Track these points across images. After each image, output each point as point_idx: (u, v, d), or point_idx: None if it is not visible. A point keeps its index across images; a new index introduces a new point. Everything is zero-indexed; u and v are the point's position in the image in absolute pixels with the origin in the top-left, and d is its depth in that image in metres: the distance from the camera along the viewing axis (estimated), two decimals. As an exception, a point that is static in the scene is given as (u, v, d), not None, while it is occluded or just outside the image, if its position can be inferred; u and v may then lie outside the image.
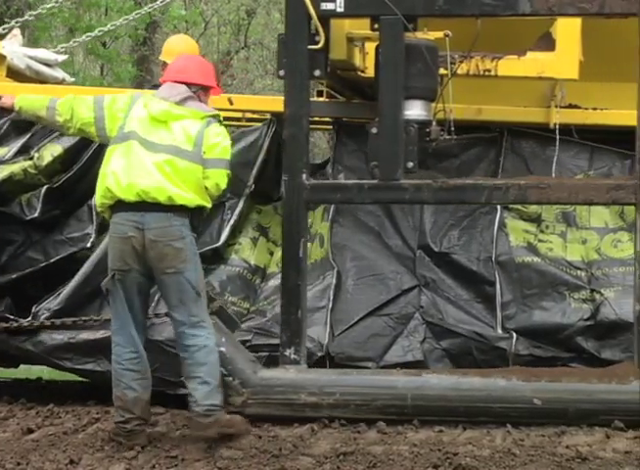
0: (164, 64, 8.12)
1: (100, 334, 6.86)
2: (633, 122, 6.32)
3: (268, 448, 6.18)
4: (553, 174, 7.45)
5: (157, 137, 6.06)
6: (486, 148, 7.78)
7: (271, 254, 7.74)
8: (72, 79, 8.18)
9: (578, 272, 7.48)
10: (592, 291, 7.38)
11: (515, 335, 7.29)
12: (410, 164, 6.56)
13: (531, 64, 7.01)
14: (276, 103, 6.95)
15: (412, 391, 6.45)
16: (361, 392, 6.48)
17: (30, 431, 6.51)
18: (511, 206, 7.43)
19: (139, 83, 19.03)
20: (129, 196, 5.92)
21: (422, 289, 7.45)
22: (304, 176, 6.54)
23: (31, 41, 18.61)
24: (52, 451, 6.18)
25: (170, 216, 6.01)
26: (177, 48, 8.03)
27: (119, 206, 6.00)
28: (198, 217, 6.15)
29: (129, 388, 6.11)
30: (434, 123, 6.71)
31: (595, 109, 7.48)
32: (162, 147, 6.05)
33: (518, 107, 7.53)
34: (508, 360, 6.99)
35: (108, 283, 6.07)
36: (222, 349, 6.42)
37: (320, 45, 6.48)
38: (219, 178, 6.09)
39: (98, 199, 6.09)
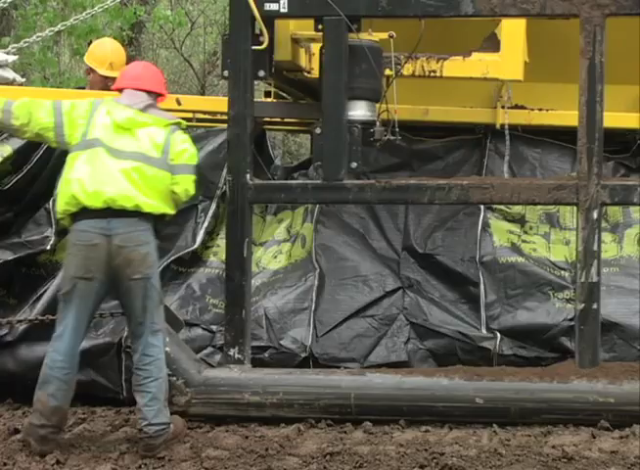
0: (90, 69, 8.21)
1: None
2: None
3: (255, 449, 6.18)
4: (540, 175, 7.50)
5: (122, 144, 6.00)
6: (470, 150, 7.81)
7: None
8: (23, 80, 8.07)
9: (562, 272, 7.48)
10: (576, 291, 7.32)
11: (499, 335, 7.29)
12: (354, 165, 6.54)
13: (476, 65, 6.98)
14: (223, 103, 6.90)
15: (355, 390, 6.42)
16: (305, 391, 6.45)
17: (17, 431, 6.46)
18: (495, 206, 7.48)
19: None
20: (96, 203, 5.85)
21: (406, 290, 7.46)
22: (248, 176, 6.50)
23: (18, 39, 18.84)
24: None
25: (136, 222, 5.98)
26: (108, 56, 8.23)
27: (84, 213, 5.94)
28: (160, 224, 6.14)
29: (52, 396, 6.00)
30: (377, 124, 6.64)
31: (541, 109, 7.52)
32: (129, 154, 6.00)
33: (464, 107, 7.54)
34: (492, 361, 7.03)
35: (67, 291, 5.99)
36: (167, 348, 6.32)
37: (264, 46, 6.45)
38: (188, 184, 6.09)
39: (61, 205, 6.00)
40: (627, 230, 7.67)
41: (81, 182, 5.86)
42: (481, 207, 7.44)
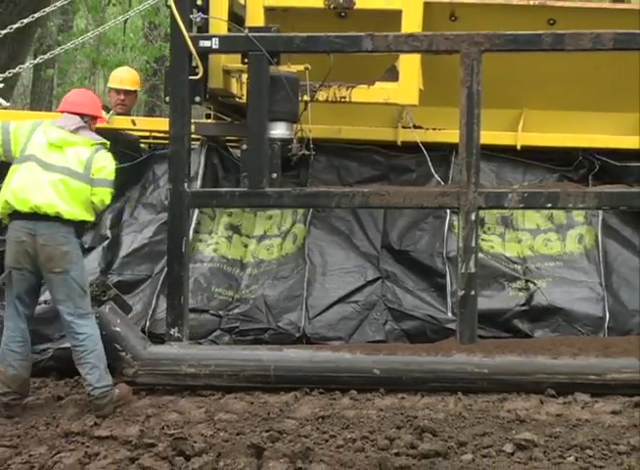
0: (110, 90, 8.92)
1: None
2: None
3: (259, 413, 6.56)
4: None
5: (53, 159, 6.50)
6: (438, 164, 8.13)
7: (245, 246, 8.14)
8: (8, 104, 8.56)
9: (515, 266, 7.89)
10: (527, 281, 7.82)
11: None
12: (274, 175, 7.07)
13: (379, 92, 7.43)
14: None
15: (274, 363, 6.91)
16: (232, 364, 6.93)
17: (60, 398, 6.93)
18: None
19: (151, 107, 19.85)
20: (24, 208, 6.41)
21: (384, 280, 7.85)
22: (186, 185, 7.06)
23: (61, 71, 20.20)
24: (78, 415, 6.60)
25: (58, 225, 6.46)
26: (119, 74, 9.01)
27: (16, 215, 6.47)
28: (82, 228, 6.66)
29: (11, 366, 6.51)
30: (294, 141, 7.17)
31: (435, 129, 7.94)
32: (57, 168, 6.50)
33: (371, 127, 8.00)
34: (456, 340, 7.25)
35: (4, 278, 6.54)
36: (117, 329, 6.90)
37: (199, 76, 7.02)
38: (104, 195, 6.60)
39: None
40: (569, 231, 8.05)
41: (14, 191, 6.42)
42: (448, 211, 7.84)
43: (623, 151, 7.93)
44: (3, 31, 8.44)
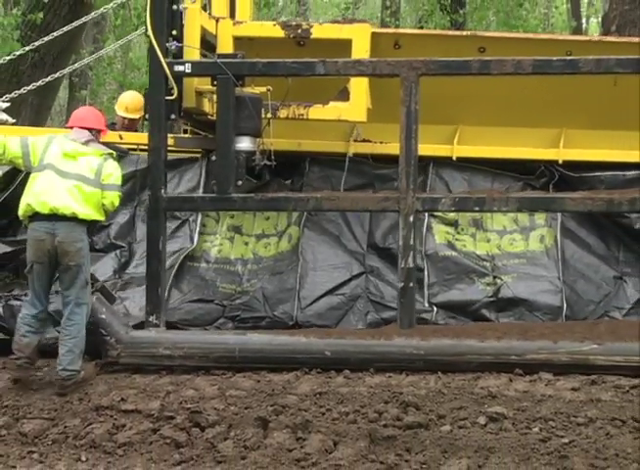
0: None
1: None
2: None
3: (264, 389, 6.92)
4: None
5: (68, 168, 7.08)
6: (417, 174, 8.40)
7: (246, 244, 8.55)
8: (14, 120, 9.12)
9: (485, 263, 8.34)
10: (494, 277, 8.28)
11: (435, 308, 8.18)
12: (239, 183, 7.59)
13: (332, 110, 7.98)
14: (151, 138, 7.81)
15: (239, 345, 7.37)
16: (202, 347, 7.40)
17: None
18: (435, 214, 8.38)
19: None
20: (44, 210, 7.00)
21: (367, 275, 8.28)
22: (162, 191, 7.61)
23: (92, 92, 21.32)
24: (107, 392, 7.01)
25: (73, 225, 7.04)
26: (124, 102, 9.74)
27: (36, 217, 7.06)
28: (94, 227, 7.31)
29: (24, 335, 7.08)
30: (257, 153, 7.71)
31: (381, 142, 8.41)
32: (72, 175, 7.08)
33: (326, 141, 8.50)
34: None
35: (28, 270, 7.14)
36: (103, 316, 7.40)
37: (174, 97, 7.55)
38: (113, 198, 7.20)
39: (20, 211, 7.13)
40: (532, 232, 8.50)
41: (35, 195, 7.04)
42: (426, 214, 8.29)
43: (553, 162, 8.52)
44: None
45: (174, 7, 7.67)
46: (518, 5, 19.09)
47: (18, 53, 10.00)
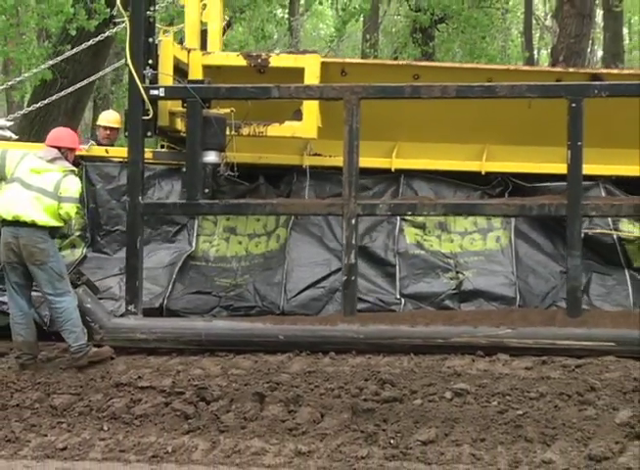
0: (99, 127, 10.28)
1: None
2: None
3: (261, 369, 7.33)
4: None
5: (32, 181, 7.61)
6: (390, 184, 9.16)
7: (240, 243, 9.00)
8: (16, 137, 9.58)
9: (449, 260, 8.83)
10: (457, 272, 8.76)
11: (403, 300, 8.59)
12: (206, 190, 8.27)
13: (288, 128, 8.64)
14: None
15: (205, 330, 7.92)
16: (174, 331, 7.98)
17: (112, 358, 7.75)
18: (406, 218, 8.89)
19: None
20: (8, 217, 7.57)
21: None
22: (140, 198, 8.27)
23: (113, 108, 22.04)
24: (126, 370, 7.43)
25: (34, 230, 7.55)
26: (105, 115, 10.35)
27: (5, 223, 7.62)
28: (55, 231, 7.75)
29: (19, 334, 7.59)
30: (222, 165, 8.42)
31: (330, 156, 9.03)
32: (35, 188, 7.61)
33: (283, 154, 9.11)
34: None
35: (2, 268, 7.65)
36: (88, 305, 7.98)
37: (150, 117, 8.25)
38: (69, 209, 7.69)
39: None
40: (489, 233, 9.02)
41: (2, 204, 7.61)
42: (398, 218, 8.79)
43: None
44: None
45: (150, 40, 8.36)
46: (480, 38, 20.08)
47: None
